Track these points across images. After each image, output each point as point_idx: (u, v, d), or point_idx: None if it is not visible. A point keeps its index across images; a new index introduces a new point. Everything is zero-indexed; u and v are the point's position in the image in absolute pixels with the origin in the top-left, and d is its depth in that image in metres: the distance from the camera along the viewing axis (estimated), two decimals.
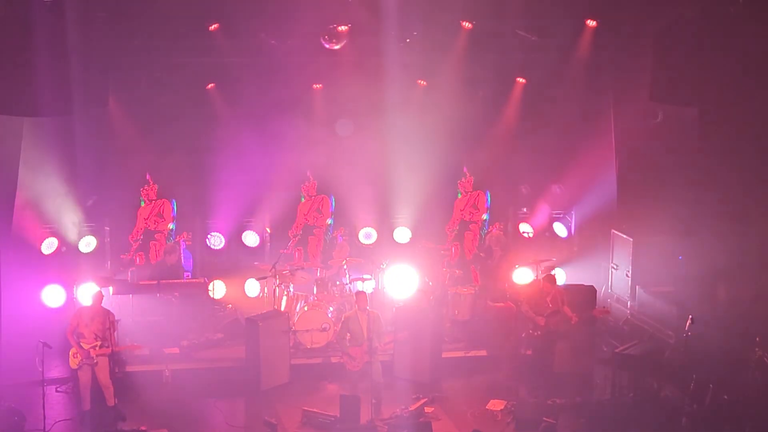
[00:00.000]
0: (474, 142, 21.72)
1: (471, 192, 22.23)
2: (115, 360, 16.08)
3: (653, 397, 16.35)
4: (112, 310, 16.16)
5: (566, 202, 22.21)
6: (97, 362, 15.67)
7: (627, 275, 20.68)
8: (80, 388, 15.86)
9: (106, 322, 15.70)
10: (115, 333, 15.81)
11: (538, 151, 21.64)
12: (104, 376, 15.73)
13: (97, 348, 15.64)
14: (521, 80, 21.29)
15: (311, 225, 21.87)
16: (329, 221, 21.95)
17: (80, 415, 15.94)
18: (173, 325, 18.97)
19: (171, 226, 21.31)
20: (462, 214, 22.29)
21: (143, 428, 15.28)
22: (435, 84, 20.89)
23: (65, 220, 20.15)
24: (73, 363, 15.76)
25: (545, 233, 22.23)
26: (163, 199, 21.21)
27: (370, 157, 21.26)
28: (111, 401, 15.73)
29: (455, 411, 16.49)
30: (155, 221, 21.20)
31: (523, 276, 20.06)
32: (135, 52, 18.72)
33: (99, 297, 16.01)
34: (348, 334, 16.28)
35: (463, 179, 22.19)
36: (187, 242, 21.33)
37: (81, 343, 15.66)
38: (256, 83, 20.22)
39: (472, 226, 22.34)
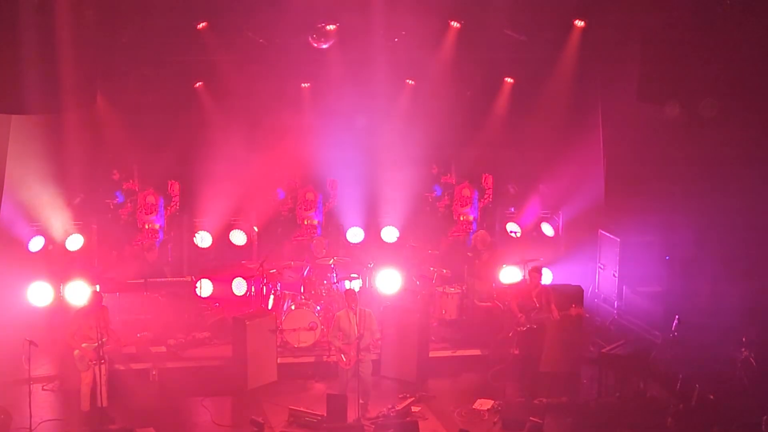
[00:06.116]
0: (462, 142, 21.72)
1: (455, 185, 22.13)
2: (114, 358, 16.05)
3: (639, 397, 16.38)
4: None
5: (554, 202, 22.21)
6: (105, 360, 15.52)
7: (614, 275, 20.70)
8: (82, 388, 15.69)
9: (106, 319, 15.65)
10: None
11: (525, 151, 21.63)
12: (106, 376, 15.60)
13: (102, 345, 15.50)
14: (509, 80, 21.29)
15: (299, 224, 21.81)
16: (318, 220, 21.90)
17: (71, 415, 15.83)
18: (160, 324, 18.94)
19: (157, 224, 21.23)
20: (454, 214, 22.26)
21: (130, 427, 15.20)
22: (423, 83, 20.89)
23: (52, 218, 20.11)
24: (82, 365, 15.59)
25: (532, 233, 22.22)
26: (149, 196, 21.10)
27: (358, 156, 21.23)
28: (105, 402, 15.62)
29: (442, 410, 16.50)
30: (141, 218, 21.10)
31: (510, 275, 20.07)
32: (123, 50, 18.71)
33: (97, 298, 15.96)
34: (339, 333, 16.26)
35: (444, 179, 22.13)
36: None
37: (85, 345, 15.52)
38: (244, 82, 20.19)
39: (459, 226, 22.31)
